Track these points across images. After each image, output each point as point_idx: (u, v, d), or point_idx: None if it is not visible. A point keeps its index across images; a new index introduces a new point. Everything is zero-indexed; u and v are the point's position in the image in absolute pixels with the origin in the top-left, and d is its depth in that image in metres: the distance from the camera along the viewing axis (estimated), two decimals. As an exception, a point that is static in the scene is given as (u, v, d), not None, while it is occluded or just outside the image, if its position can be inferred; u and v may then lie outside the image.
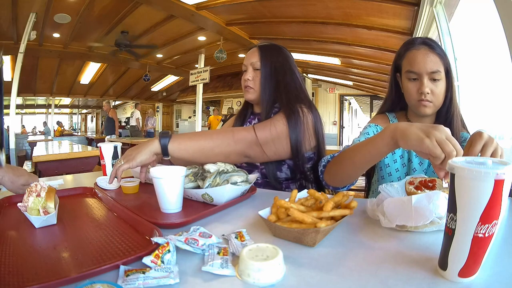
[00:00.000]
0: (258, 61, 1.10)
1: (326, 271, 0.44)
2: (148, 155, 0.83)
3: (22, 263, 0.46)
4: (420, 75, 0.90)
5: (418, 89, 0.90)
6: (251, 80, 1.12)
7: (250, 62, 1.13)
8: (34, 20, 4.41)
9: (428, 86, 0.89)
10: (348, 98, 10.15)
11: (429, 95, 0.89)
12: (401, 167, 1.01)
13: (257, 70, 1.11)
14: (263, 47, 1.14)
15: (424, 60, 0.89)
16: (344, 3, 3.54)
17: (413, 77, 0.91)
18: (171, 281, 0.40)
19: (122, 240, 0.54)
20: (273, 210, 0.60)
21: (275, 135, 0.96)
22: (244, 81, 1.15)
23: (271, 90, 1.09)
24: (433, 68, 0.88)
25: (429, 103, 0.91)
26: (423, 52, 0.90)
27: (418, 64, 0.89)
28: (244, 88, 1.15)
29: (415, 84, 0.92)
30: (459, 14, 2.48)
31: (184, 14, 4.56)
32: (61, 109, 14.60)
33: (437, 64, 0.89)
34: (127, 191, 0.87)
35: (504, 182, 0.36)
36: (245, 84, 1.14)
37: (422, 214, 0.54)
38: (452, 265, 0.40)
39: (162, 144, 0.84)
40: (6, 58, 5.87)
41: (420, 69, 0.89)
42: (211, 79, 6.72)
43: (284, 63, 1.12)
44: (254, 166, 1.08)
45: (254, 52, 1.13)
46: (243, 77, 1.15)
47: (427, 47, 0.90)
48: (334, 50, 5.32)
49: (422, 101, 0.90)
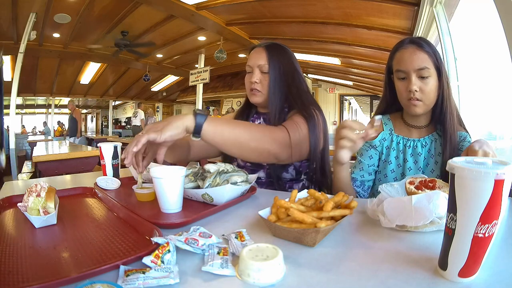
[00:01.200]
0: (266, 64, 1.07)
1: (326, 271, 0.44)
2: (179, 130, 0.74)
3: (22, 263, 0.46)
4: (407, 73, 0.90)
5: (407, 88, 0.91)
6: (259, 83, 1.08)
7: (257, 64, 1.08)
8: (34, 20, 4.41)
9: (416, 83, 0.89)
10: (348, 98, 10.15)
11: (418, 93, 0.89)
12: (396, 168, 1.01)
13: (265, 74, 1.08)
14: (270, 48, 1.10)
15: (410, 58, 0.89)
16: (344, 3, 3.54)
17: (401, 76, 0.92)
18: (171, 281, 0.40)
19: (122, 240, 0.54)
20: (273, 210, 0.60)
21: (302, 138, 0.95)
22: (250, 83, 1.10)
23: (282, 94, 1.06)
24: (420, 65, 0.88)
25: (418, 102, 0.90)
26: (410, 51, 0.90)
27: (405, 62, 0.90)
28: (251, 91, 1.11)
29: (404, 83, 0.92)
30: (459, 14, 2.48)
31: (184, 14, 4.56)
32: (61, 109, 14.60)
33: (425, 61, 0.88)
34: (142, 199, 0.78)
35: (504, 182, 0.36)
36: (251, 87, 1.10)
37: (422, 214, 0.54)
38: (452, 265, 0.40)
39: (197, 122, 0.77)
40: (6, 58, 5.88)
41: (407, 67, 0.90)
42: (211, 79, 6.72)
43: (291, 65, 1.10)
44: (259, 165, 1.08)
45: (260, 53, 1.09)
46: (249, 79, 1.11)
47: (414, 45, 0.90)
48: (334, 50, 5.32)
49: (411, 100, 0.90)
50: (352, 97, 10.38)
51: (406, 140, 1.00)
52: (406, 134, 1.01)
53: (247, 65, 1.13)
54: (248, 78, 1.12)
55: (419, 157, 0.97)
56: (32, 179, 2.09)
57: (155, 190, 0.69)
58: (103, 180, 0.91)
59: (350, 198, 0.62)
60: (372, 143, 1.03)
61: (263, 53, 1.09)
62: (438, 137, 0.96)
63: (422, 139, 0.98)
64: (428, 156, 0.97)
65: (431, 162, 0.97)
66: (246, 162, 1.10)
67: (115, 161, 1.03)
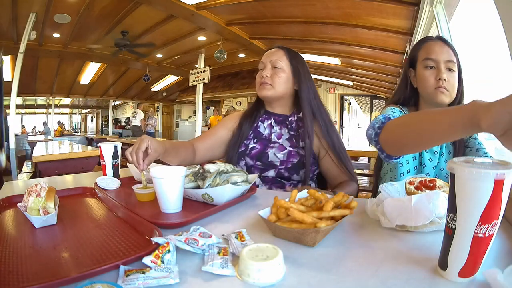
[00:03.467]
0: (279, 60, 1.11)
1: (326, 271, 0.44)
2: None
3: (22, 263, 0.46)
4: (437, 62, 0.94)
5: (436, 76, 0.93)
6: (269, 76, 1.11)
7: (270, 60, 1.12)
8: (34, 20, 4.41)
9: (446, 73, 0.93)
10: (348, 98, 10.15)
11: (446, 82, 0.92)
12: (413, 170, 1.00)
13: (277, 69, 1.11)
14: (286, 49, 1.15)
15: (441, 50, 0.94)
16: (344, 3, 3.54)
17: (430, 64, 0.95)
18: (171, 281, 0.40)
19: (122, 240, 0.54)
20: (273, 210, 0.59)
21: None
22: (261, 78, 1.13)
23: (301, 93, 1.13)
24: (449, 57, 0.93)
25: (446, 91, 0.93)
26: (439, 44, 0.96)
27: (435, 52, 0.94)
28: (260, 85, 1.13)
29: (432, 72, 0.95)
30: (459, 14, 2.48)
31: (184, 14, 4.56)
32: (61, 109, 14.61)
33: (452, 56, 0.94)
34: (142, 199, 0.79)
35: (504, 182, 0.36)
36: (262, 81, 1.12)
37: (422, 214, 0.54)
38: (452, 265, 0.40)
39: None
40: (6, 58, 5.87)
41: (438, 57, 0.93)
42: (211, 79, 6.72)
43: (307, 71, 1.16)
44: (271, 165, 1.08)
45: (275, 52, 1.14)
46: (260, 74, 1.14)
47: (442, 42, 0.96)
48: (334, 50, 5.31)
49: (440, 87, 0.93)
50: (352, 97, 10.38)
51: None
52: None
53: (260, 63, 1.16)
54: (259, 74, 1.15)
55: (435, 156, 0.98)
56: (32, 179, 2.09)
57: (155, 190, 0.69)
58: (103, 180, 0.91)
59: (350, 198, 0.62)
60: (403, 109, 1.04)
61: (279, 52, 1.13)
62: None
63: None
64: (439, 153, 0.98)
65: (441, 160, 0.98)
66: (257, 161, 1.10)
67: (115, 161, 1.03)
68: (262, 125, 1.18)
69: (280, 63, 1.11)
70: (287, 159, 1.07)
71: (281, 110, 1.18)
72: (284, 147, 1.10)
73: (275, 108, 1.18)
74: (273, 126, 1.16)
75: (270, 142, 1.13)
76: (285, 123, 1.16)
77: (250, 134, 1.17)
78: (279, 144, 1.11)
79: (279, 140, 1.13)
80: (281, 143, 1.12)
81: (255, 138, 1.16)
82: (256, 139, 1.16)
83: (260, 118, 1.20)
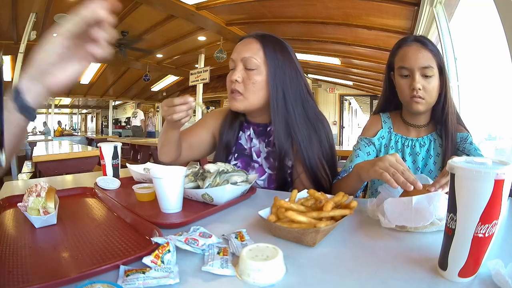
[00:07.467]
0: (254, 57, 0.87)
1: (326, 271, 0.44)
2: None
3: (22, 263, 0.46)
4: (411, 70, 0.90)
5: (410, 85, 0.90)
6: (240, 82, 0.89)
7: (241, 58, 0.88)
8: (34, 20, 4.41)
9: (420, 82, 0.89)
10: (348, 98, 10.15)
11: (421, 91, 0.89)
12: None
13: (250, 71, 0.89)
14: (264, 39, 0.92)
15: (415, 56, 0.89)
16: (344, 3, 3.54)
17: (405, 73, 0.91)
18: (171, 281, 0.40)
19: (122, 240, 0.54)
20: (273, 210, 0.60)
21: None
22: (230, 83, 0.91)
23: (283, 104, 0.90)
24: (424, 63, 0.88)
25: (421, 100, 0.90)
26: (414, 48, 0.90)
27: (409, 60, 0.90)
28: (230, 93, 0.91)
29: (407, 80, 0.92)
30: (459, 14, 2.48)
31: (184, 14, 4.56)
32: (61, 109, 14.60)
33: (429, 60, 0.89)
34: (142, 199, 0.78)
35: (504, 182, 0.36)
36: (231, 88, 0.90)
37: (422, 215, 0.55)
38: (452, 265, 0.40)
39: None
40: (6, 58, 5.87)
41: (412, 65, 0.89)
42: (211, 79, 6.73)
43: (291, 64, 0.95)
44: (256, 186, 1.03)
45: (249, 44, 0.90)
46: (230, 77, 0.91)
47: (419, 44, 0.90)
48: (334, 50, 5.32)
49: (414, 97, 0.90)
50: (352, 97, 10.38)
51: (404, 139, 1.00)
52: (404, 133, 1.01)
53: (230, 59, 0.93)
54: (229, 76, 0.92)
55: (417, 157, 0.97)
56: (32, 179, 2.09)
57: (155, 190, 0.69)
58: (103, 180, 0.91)
59: (350, 198, 0.62)
60: (372, 140, 1.02)
61: (253, 44, 0.90)
62: (437, 137, 0.96)
63: (420, 138, 0.98)
64: (426, 156, 0.97)
65: (430, 162, 0.97)
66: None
67: (115, 161, 1.03)
68: (244, 135, 1.04)
69: (254, 62, 0.88)
70: (267, 185, 0.98)
71: (261, 119, 1.00)
72: (263, 171, 0.99)
73: (254, 117, 1.01)
74: (252, 138, 1.02)
75: (251, 159, 1.02)
76: (264, 135, 1.00)
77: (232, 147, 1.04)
78: (259, 165, 1.00)
79: (258, 158, 1.01)
80: (260, 162, 1.00)
81: (236, 153, 1.04)
82: (237, 153, 1.04)
83: (242, 128, 1.05)
